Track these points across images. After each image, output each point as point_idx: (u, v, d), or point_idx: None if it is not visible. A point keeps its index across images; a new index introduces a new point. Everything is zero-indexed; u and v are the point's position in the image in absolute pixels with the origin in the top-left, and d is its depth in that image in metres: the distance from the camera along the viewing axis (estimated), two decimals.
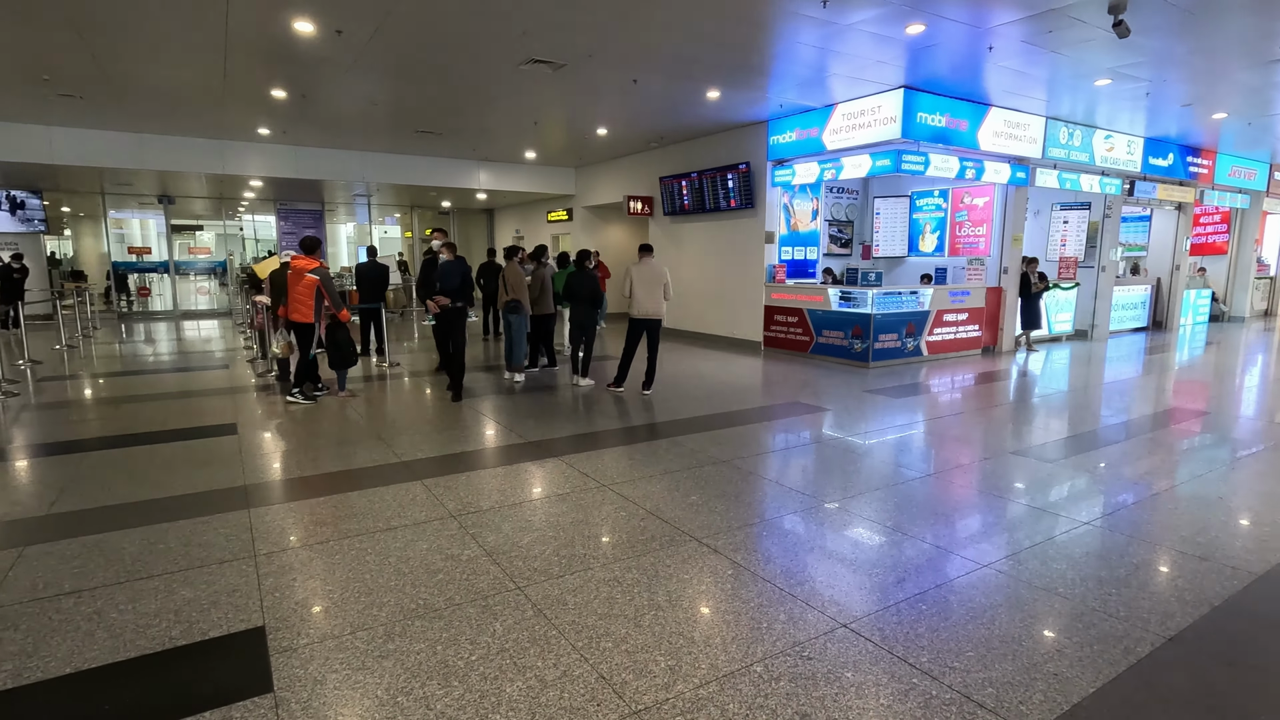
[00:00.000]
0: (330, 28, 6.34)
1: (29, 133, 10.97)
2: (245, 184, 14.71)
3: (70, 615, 2.82)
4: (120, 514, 3.93)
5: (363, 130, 11.50)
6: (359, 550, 3.46)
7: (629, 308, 7.29)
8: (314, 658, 2.53)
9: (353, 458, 5.06)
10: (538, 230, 17.97)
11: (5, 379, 7.57)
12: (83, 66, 7.68)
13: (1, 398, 7.04)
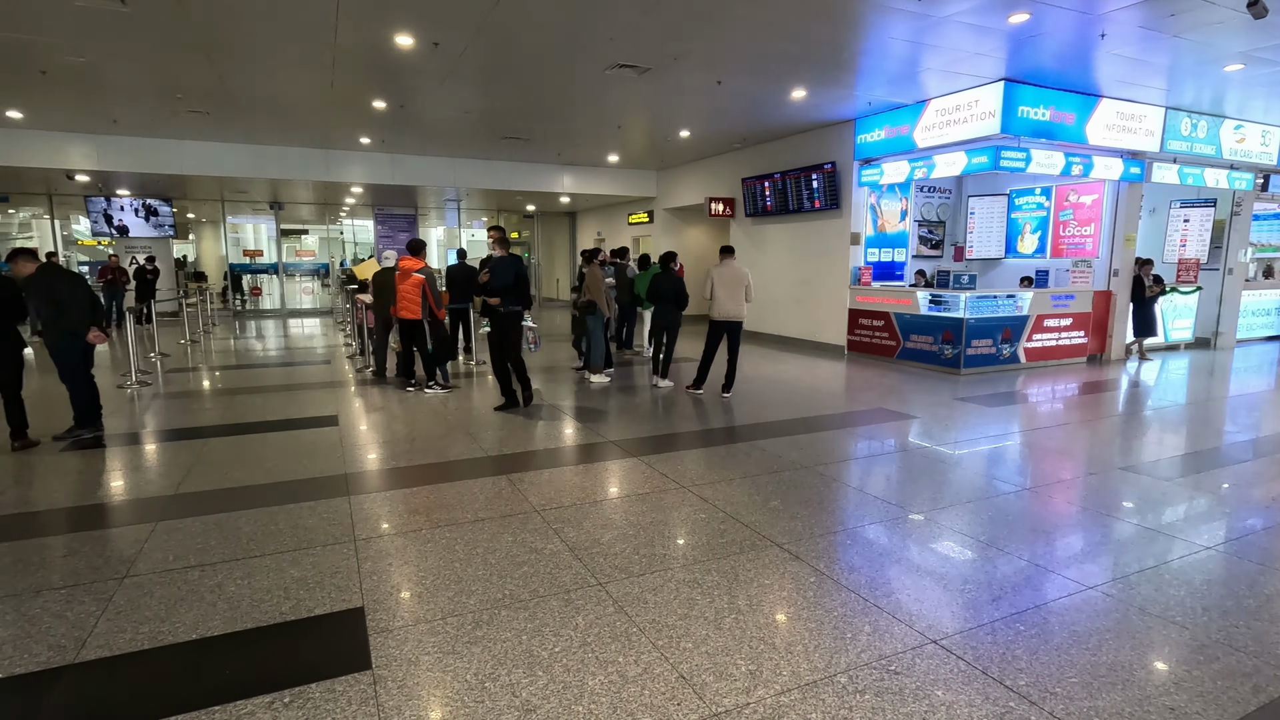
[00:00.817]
0: (428, 40, 6.65)
1: (162, 146, 12.06)
2: (347, 190, 15.61)
3: (196, 586, 3.09)
4: (237, 496, 4.27)
5: (454, 137, 11.98)
6: (449, 540, 3.61)
7: (709, 310, 7.26)
8: (408, 640, 2.67)
9: (443, 451, 5.28)
10: (618, 232, 18.19)
11: (140, 370, 8.35)
12: (210, 85, 8.38)
13: (137, 387, 7.77)
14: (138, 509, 4.06)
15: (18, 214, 18.37)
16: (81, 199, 16.11)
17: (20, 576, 3.19)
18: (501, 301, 6.37)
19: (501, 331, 6.53)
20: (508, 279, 6.34)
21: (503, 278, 6.35)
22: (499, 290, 6.33)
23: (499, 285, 6.30)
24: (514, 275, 6.38)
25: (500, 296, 6.35)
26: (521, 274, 6.44)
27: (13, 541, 3.60)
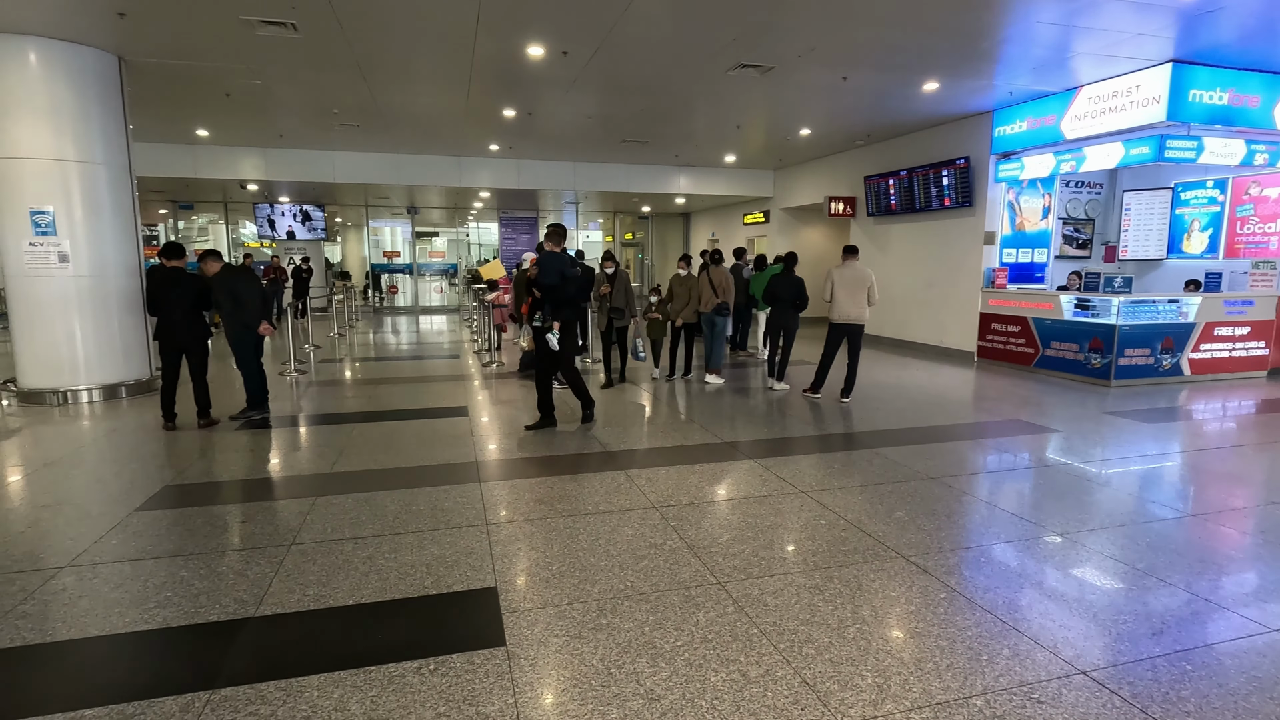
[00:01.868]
0: (558, 50, 6.93)
1: (317, 157, 13.31)
2: (476, 195, 16.52)
3: (350, 557, 3.41)
4: (382, 477, 4.65)
5: (575, 142, 12.38)
6: (572, 530, 3.76)
7: (829, 312, 7.07)
8: (538, 621, 2.81)
9: (564, 445, 5.49)
10: (733, 233, 18.07)
11: (297, 360, 9.26)
12: (363, 101, 9.16)
13: (295, 375, 8.63)
14: (300, 484, 4.52)
15: (197, 220, 20.89)
16: (250, 206, 18.09)
17: (209, 537, 3.65)
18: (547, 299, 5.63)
19: (550, 343, 5.71)
20: (551, 278, 5.54)
21: (547, 276, 5.56)
22: (545, 289, 5.57)
23: (545, 283, 5.55)
24: (559, 275, 5.52)
25: (545, 293, 5.60)
26: (569, 275, 5.58)
27: (201, 506, 4.12)
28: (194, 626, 2.77)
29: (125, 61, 7.23)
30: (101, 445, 5.46)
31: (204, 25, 6.29)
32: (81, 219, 6.88)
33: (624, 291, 7.94)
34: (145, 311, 7.34)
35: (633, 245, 23.82)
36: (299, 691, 2.34)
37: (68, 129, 6.76)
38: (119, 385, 7.22)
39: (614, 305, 7.88)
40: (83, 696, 2.32)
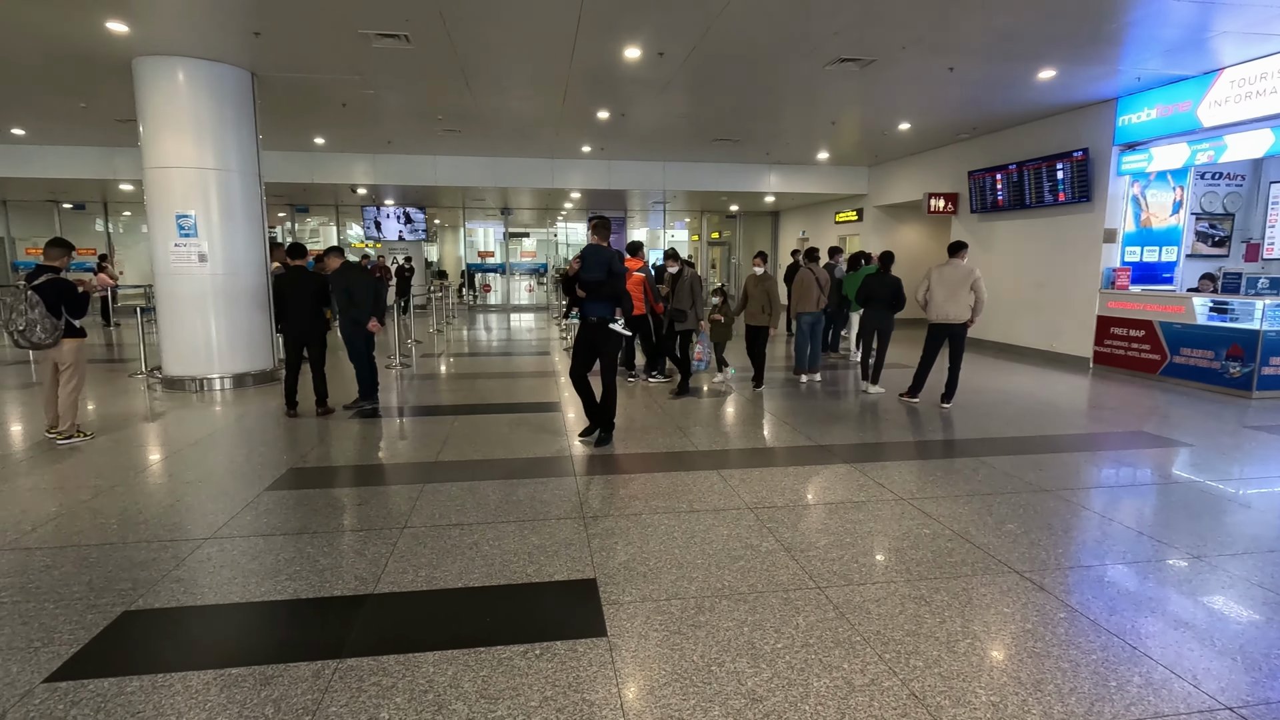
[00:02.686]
0: (654, 51, 6.99)
1: (420, 162, 13.99)
2: (566, 196, 16.89)
3: (457, 542, 3.57)
4: (483, 468, 4.84)
5: (666, 142, 12.43)
6: (668, 527, 3.78)
7: (928, 312, 6.78)
8: (638, 614, 2.85)
9: (656, 442, 5.54)
10: (824, 231, 17.63)
11: (401, 354, 9.78)
12: (465, 107, 9.56)
13: (399, 368, 9.12)
14: (408, 472, 4.77)
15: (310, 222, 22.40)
16: (358, 209, 19.23)
17: (330, 517, 3.92)
18: (590, 298, 5.15)
19: (589, 343, 5.26)
20: (598, 273, 5.08)
21: (593, 270, 5.08)
22: (589, 285, 5.11)
23: (588, 279, 5.08)
24: (606, 270, 5.08)
25: (588, 290, 5.13)
26: (618, 271, 5.18)
27: (322, 489, 4.43)
28: (320, 600, 2.98)
29: (257, 77, 7.85)
30: (233, 429, 5.97)
31: (327, 40, 6.74)
32: (218, 222, 7.54)
33: (689, 292, 7.30)
34: (270, 307, 7.96)
35: (719, 244, 23.67)
36: (416, 666, 2.48)
37: (208, 140, 7.42)
38: (247, 374, 7.86)
39: (676, 306, 7.34)
40: (230, 656, 2.55)
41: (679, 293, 7.32)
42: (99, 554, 3.40)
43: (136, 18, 6.17)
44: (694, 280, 7.27)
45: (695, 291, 7.29)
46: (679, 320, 7.32)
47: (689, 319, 7.31)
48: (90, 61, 7.34)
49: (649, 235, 25.06)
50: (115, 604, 2.91)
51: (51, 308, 5.17)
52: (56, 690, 2.33)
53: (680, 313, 7.30)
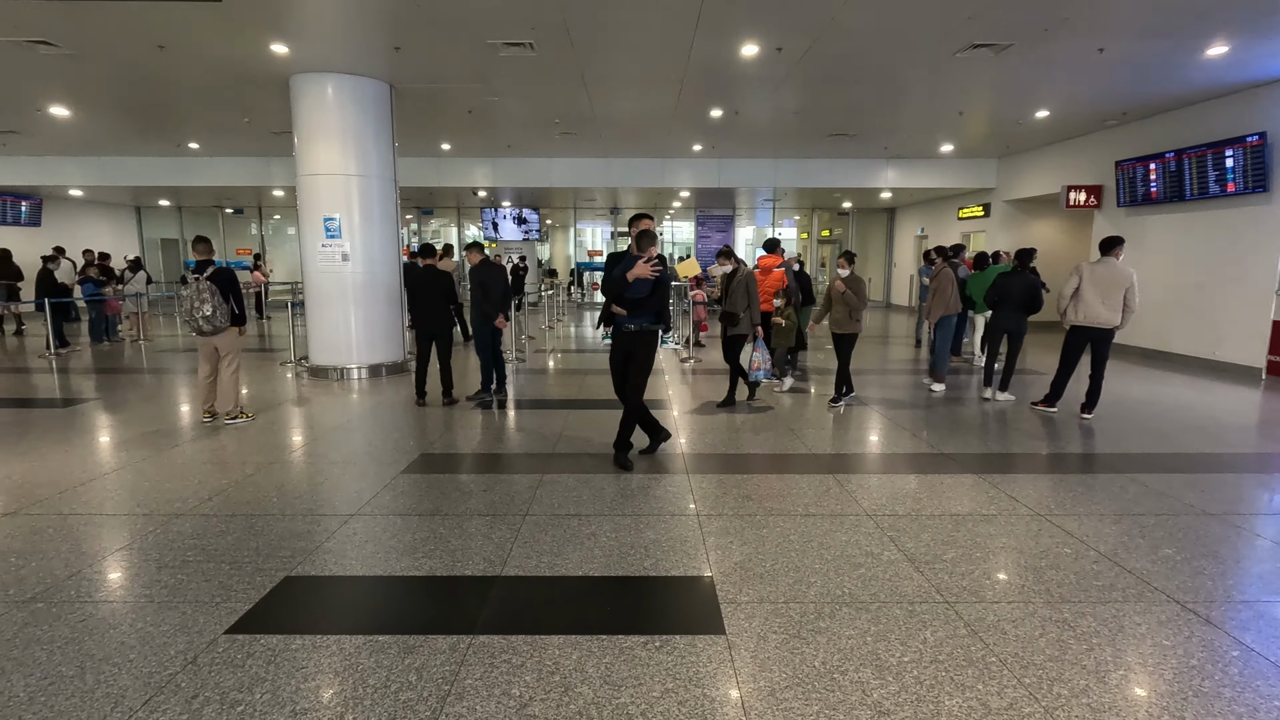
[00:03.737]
0: (772, 46, 6.89)
1: (536, 164, 14.53)
2: (676, 195, 16.98)
3: (576, 532, 3.69)
4: (597, 462, 4.97)
5: (778, 138, 12.22)
6: (783, 529, 3.73)
7: (1071, 313, 6.26)
8: (756, 615, 2.83)
9: (769, 443, 5.47)
10: (944, 228, 16.71)
11: (516, 350, 10.20)
12: (582, 110, 9.83)
13: (515, 362, 9.52)
14: (528, 461, 4.98)
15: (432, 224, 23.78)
16: (477, 210, 20.23)
17: (458, 501, 4.16)
18: (631, 313, 4.68)
19: (624, 353, 4.83)
20: (641, 289, 4.63)
21: (635, 286, 4.61)
22: (634, 301, 4.65)
23: (634, 293, 4.64)
24: (651, 285, 4.65)
25: (630, 308, 4.66)
26: (664, 280, 4.74)
27: (450, 474, 4.70)
28: (453, 578, 3.17)
29: (395, 88, 8.44)
30: (370, 416, 6.45)
31: (458, 51, 7.14)
32: (358, 224, 8.17)
33: (743, 294, 6.59)
34: (402, 303, 8.54)
35: (830, 242, 22.98)
36: (543, 648, 2.59)
37: (352, 148, 8.06)
38: (380, 365, 8.47)
39: (727, 310, 6.66)
40: (376, 624, 2.77)
41: (733, 295, 6.66)
42: (262, 523, 3.79)
43: (296, 39, 6.80)
44: (749, 280, 6.63)
45: (751, 293, 6.62)
46: (731, 325, 6.70)
47: (743, 323, 6.67)
48: (255, 81, 8.16)
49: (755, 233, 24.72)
50: (278, 569, 3.23)
51: (223, 296, 5.80)
52: (235, 641, 2.62)
53: (732, 317, 6.65)
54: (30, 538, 3.59)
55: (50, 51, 7.04)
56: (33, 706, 2.24)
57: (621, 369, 4.88)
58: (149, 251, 20.58)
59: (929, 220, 17.79)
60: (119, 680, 2.38)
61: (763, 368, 6.80)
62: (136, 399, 7.13)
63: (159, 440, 5.49)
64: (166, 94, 9.01)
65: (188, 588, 3.05)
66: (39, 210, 16.71)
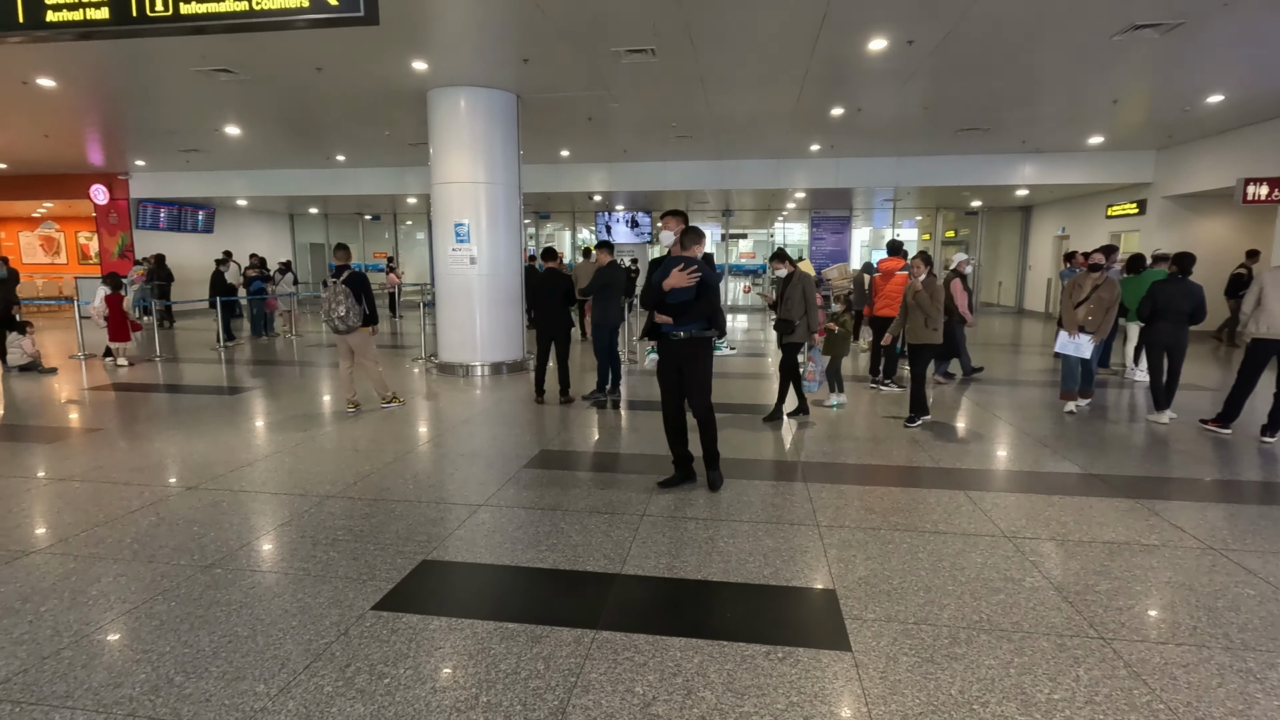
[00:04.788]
0: (902, 40, 6.59)
1: (651, 168, 14.69)
2: (790, 196, 16.62)
3: (694, 536, 3.68)
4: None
5: (902, 136, 11.67)
6: (910, 546, 3.55)
7: (1250, 325, 5.55)
8: (884, 634, 2.71)
9: (892, 454, 5.23)
10: (1091, 228, 15.30)
11: (629, 350, 10.35)
12: (697, 113, 9.84)
13: (627, 364, 9.66)
14: (643, 462, 5.03)
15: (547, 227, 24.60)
16: (591, 214, 20.73)
17: (578, 498, 4.27)
18: (678, 321, 4.25)
19: (675, 366, 4.36)
20: (686, 293, 4.22)
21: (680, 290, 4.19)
22: (675, 306, 4.24)
23: (676, 299, 4.24)
24: (696, 289, 4.20)
25: (676, 314, 4.24)
26: (713, 283, 4.27)
27: (570, 471, 4.84)
28: (575, 572, 3.26)
29: (521, 98, 8.81)
30: (493, 411, 6.77)
31: (582, 60, 7.35)
32: (485, 229, 8.60)
33: (800, 299, 6.10)
34: (524, 304, 8.89)
35: (955, 244, 21.67)
36: (664, 649, 2.61)
37: (481, 157, 8.49)
38: (502, 364, 8.87)
39: (783, 317, 6.19)
40: (505, 611, 2.90)
41: (788, 300, 6.16)
42: (401, 509, 4.06)
43: (435, 55, 7.26)
44: (805, 284, 6.13)
45: (808, 298, 6.12)
46: (786, 332, 6.21)
47: (799, 331, 6.17)
48: (396, 96, 8.78)
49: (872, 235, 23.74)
50: (416, 553, 3.45)
51: (356, 298, 6.28)
52: (380, 618, 2.83)
53: (787, 324, 6.16)
54: (209, 510, 4.04)
55: (229, 78, 7.92)
56: (216, 660, 2.52)
57: (674, 385, 4.38)
58: (299, 255, 22.67)
59: (1071, 219, 16.36)
60: (284, 645, 2.62)
61: (817, 378, 6.31)
62: (289, 389, 7.87)
63: (309, 426, 6.02)
64: (320, 112, 9.89)
65: (339, 564, 3.32)
66: (212, 219, 18.84)
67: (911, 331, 6.18)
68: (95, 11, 3.47)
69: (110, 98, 9.29)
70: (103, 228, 16.72)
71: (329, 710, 2.24)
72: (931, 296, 6.02)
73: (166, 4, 3.41)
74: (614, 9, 5.95)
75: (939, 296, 6.06)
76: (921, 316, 6.06)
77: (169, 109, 9.75)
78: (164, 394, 7.64)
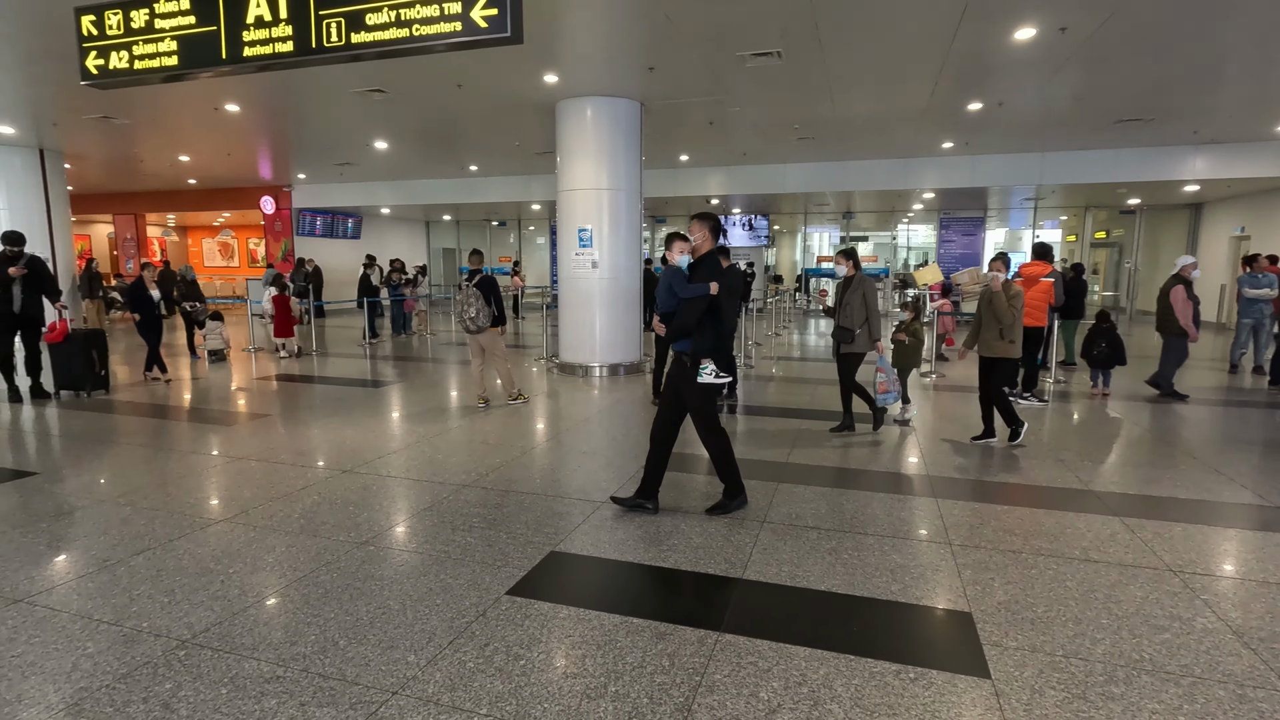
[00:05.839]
0: (1054, 27, 6.12)
1: (771, 171, 14.49)
2: (917, 196, 15.84)
3: (816, 545, 3.62)
4: (833, 475, 4.82)
5: (1049, 130, 10.81)
6: (1055, 572, 3.30)
7: None
8: (1027, 664, 2.54)
9: (1030, 472, 4.87)
10: (1273, 227, 13.46)
11: (745, 356, 10.27)
12: (821, 114, 9.61)
13: (743, 368, 9.59)
14: (761, 468, 4.99)
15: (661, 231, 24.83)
16: None
17: (698, 501, 4.30)
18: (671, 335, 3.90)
19: (673, 383, 4.01)
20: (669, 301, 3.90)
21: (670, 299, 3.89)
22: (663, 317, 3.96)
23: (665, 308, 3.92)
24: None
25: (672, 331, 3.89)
26: (684, 293, 3.85)
27: (689, 473, 4.89)
28: (697, 574, 3.30)
29: (644, 106, 8.99)
30: (611, 411, 6.95)
31: (707, 66, 7.40)
32: (606, 234, 8.84)
33: (860, 305, 5.73)
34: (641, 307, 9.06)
35: (1106, 246, 19.77)
36: (788, 657, 2.58)
37: (605, 164, 8.75)
38: (619, 365, 9.08)
39: (842, 325, 5.82)
40: (630, 606, 2.98)
41: (847, 306, 5.77)
42: (530, 500, 4.27)
43: (565, 68, 7.57)
44: (866, 289, 5.74)
45: (869, 304, 5.73)
46: (845, 341, 5.82)
47: (860, 340, 5.76)
48: (527, 108, 9.23)
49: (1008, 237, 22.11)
50: (544, 544, 3.62)
51: (486, 300, 6.65)
52: (515, 603, 3.00)
53: (846, 332, 5.77)
54: (361, 492, 4.44)
55: (381, 98, 8.65)
56: (372, 629, 2.77)
57: (670, 403, 4.02)
58: (432, 260, 24.29)
59: (1251, 217, 14.47)
60: (430, 620, 2.84)
61: (890, 390, 5.82)
62: (424, 383, 8.47)
63: (445, 419, 6.46)
64: (457, 125, 10.58)
65: (475, 549, 3.54)
66: (360, 226, 20.59)
67: (984, 343, 5.56)
68: (282, 45, 3.92)
69: (281, 119, 10.42)
70: (269, 234, 18.72)
71: (471, 684, 2.41)
72: (1009, 303, 5.42)
73: (340, 35, 3.80)
74: (743, 14, 5.95)
75: (1019, 304, 5.45)
76: (995, 326, 5.48)
77: (329, 127, 10.78)
78: (319, 385, 8.46)
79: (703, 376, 3.80)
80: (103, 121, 10.02)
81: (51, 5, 5.52)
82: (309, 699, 2.33)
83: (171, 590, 3.09)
